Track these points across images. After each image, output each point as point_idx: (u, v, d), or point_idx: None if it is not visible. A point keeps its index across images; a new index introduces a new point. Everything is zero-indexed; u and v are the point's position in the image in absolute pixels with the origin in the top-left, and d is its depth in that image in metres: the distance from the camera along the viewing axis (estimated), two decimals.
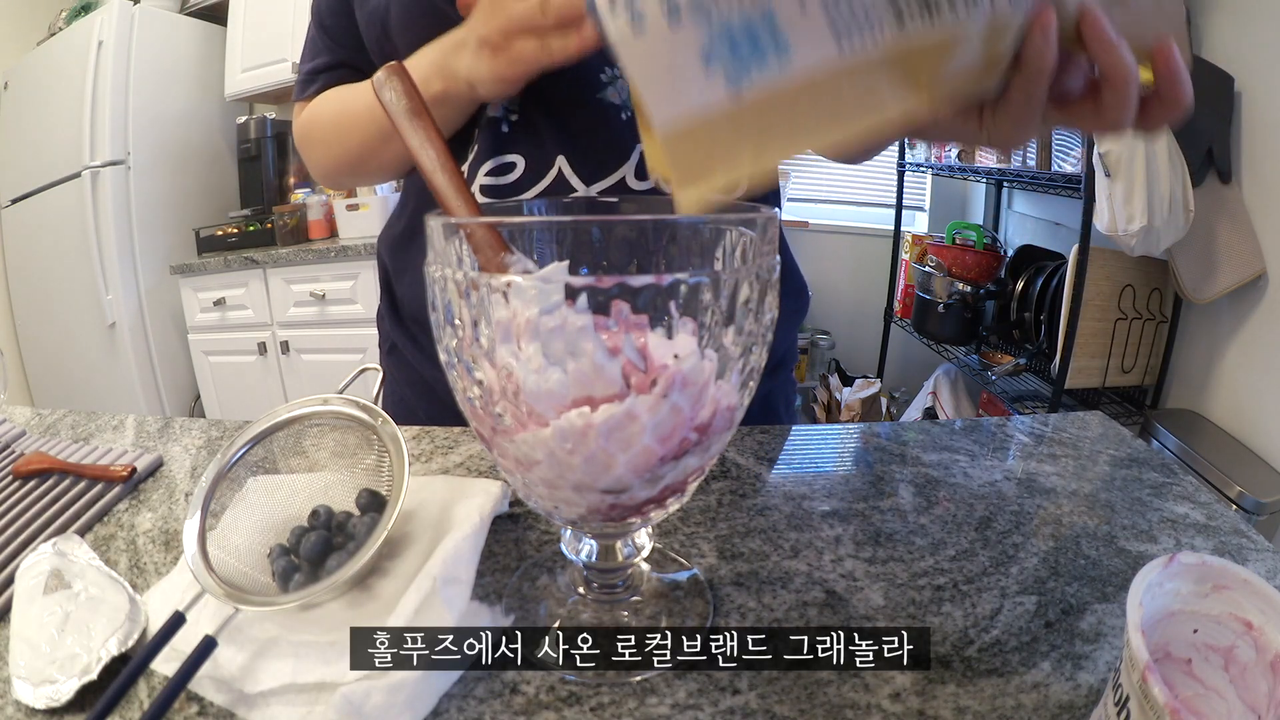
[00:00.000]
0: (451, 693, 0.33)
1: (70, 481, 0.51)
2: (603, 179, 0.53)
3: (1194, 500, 0.48)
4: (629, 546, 0.37)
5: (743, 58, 0.24)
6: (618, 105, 0.52)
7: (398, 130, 0.36)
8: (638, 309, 0.27)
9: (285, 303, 2.14)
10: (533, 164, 0.53)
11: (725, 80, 0.24)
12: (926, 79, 0.26)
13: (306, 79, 0.62)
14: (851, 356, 2.62)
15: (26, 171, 2.32)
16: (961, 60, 0.26)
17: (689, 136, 0.25)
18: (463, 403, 0.31)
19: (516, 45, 0.43)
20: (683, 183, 0.26)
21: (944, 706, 0.32)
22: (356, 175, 0.63)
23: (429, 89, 0.48)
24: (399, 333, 0.65)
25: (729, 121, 0.25)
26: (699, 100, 0.24)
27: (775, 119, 0.25)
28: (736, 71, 0.24)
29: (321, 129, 0.60)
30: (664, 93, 0.24)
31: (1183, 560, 0.27)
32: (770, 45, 0.24)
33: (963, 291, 1.96)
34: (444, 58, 0.48)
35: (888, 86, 0.26)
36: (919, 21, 0.25)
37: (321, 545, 0.39)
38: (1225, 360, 1.54)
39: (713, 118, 0.25)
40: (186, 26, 2.41)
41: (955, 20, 0.25)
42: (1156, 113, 0.29)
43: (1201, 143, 1.42)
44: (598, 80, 0.51)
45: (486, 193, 0.54)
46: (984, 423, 0.61)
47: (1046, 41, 0.26)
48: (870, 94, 0.26)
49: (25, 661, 0.34)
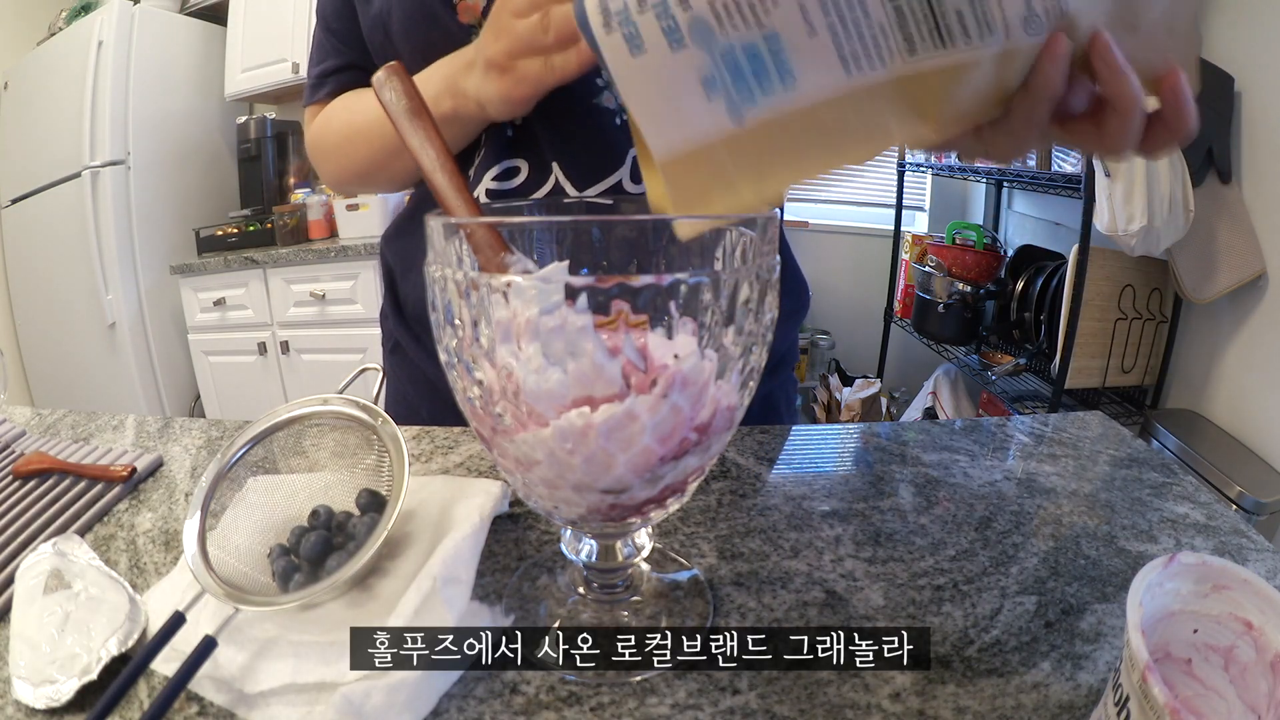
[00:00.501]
0: (451, 693, 0.33)
1: (70, 481, 0.51)
2: (597, 183, 0.53)
3: (1194, 500, 0.48)
4: (629, 546, 0.37)
5: (746, 83, 0.23)
6: (612, 110, 0.52)
7: (397, 130, 0.36)
8: (638, 309, 0.27)
9: (285, 303, 2.14)
10: (534, 169, 0.53)
11: (727, 107, 0.23)
12: (934, 105, 0.25)
13: (316, 82, 0.62)
14: (851, 356, 2.62)
15: (26, 171, 2.32)
16: (971, 86, 0.25)
17: (688, 164, 0.24)
18: (463, 403, 0.31)
19: (521, 66, 0.43)
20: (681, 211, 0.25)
21: (944, 706, 0.32)
22: (367, 185, 0.63)
23: (439, 107, 0.48)
24: (402, 331, 0.65)
25: (729, 150, 0.24)
26: (699, 128, 0.23)
27: (777, 147, 0.24)
28: (739, 98, 0.23)
29: (332, 139, 0.60)
30: (663, 120, 0.23)
31: (1183, 560, 0.27)
32: (775, 71, 0.23)
33: (963, 291, 1.96)
34: (453, 77, 0.48)
35: (894, 113, 0.25)
36: (931, 48, 0.24)
37: (321, 545, 0.39)
38: (1225, 360, 1.54)
39: (713, 146, 0.24)
40: (186, 26, 2.41)
41: (968, 47, 0.24)
42: (1158, 138, 0.29)
43: (1201, 143, 1.42)
44: (594, 85, 0.51)
45: (491, 197, 0.54)
46: (984, 423, 0.61)
47: (1056, 69, 0.26)
48: (876, 121, 0.25)
49: (25, 661, 0.34)
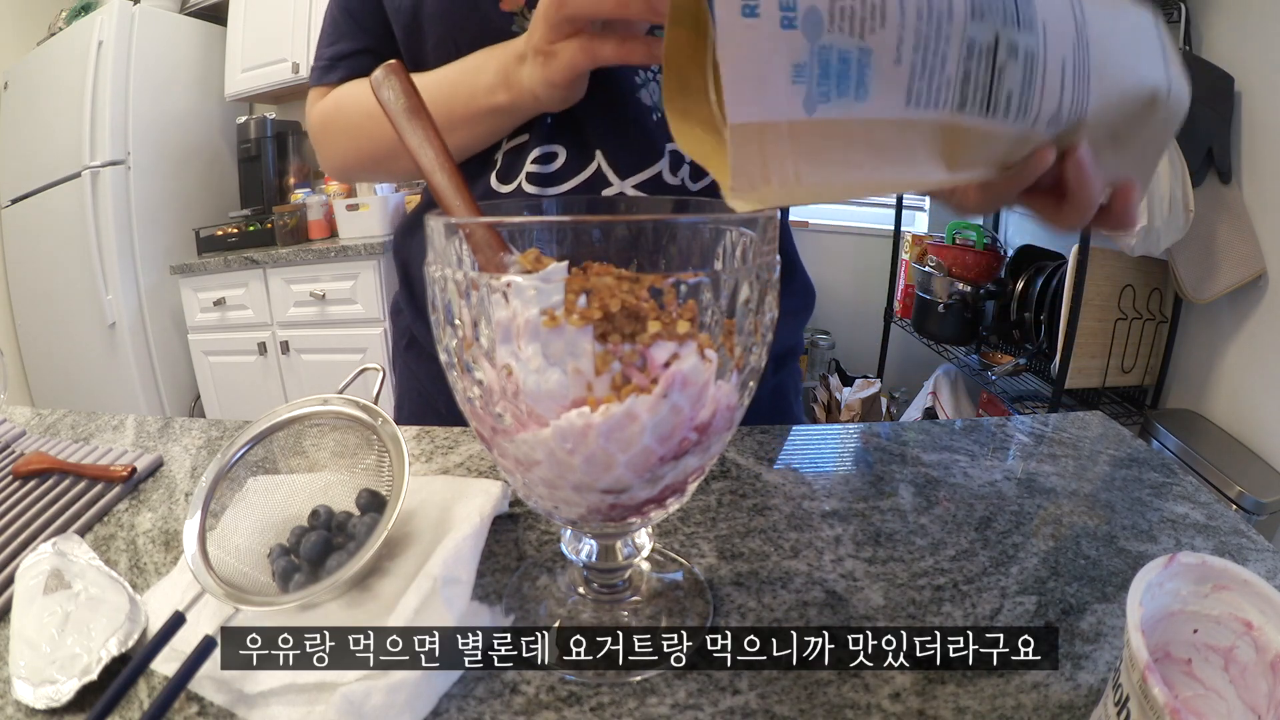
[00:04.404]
0: (451, 693, 0.33)
1: (70, 481, 0.51)
2: (638, 174, 0.53)
3: (1194, 500, 0.48)
4: (629, 546, 0.37)
5: (829, 81, 0.25)
6: (649, 106, 0.52)
7: (396, 129, 0.36)
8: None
9: (285, 303, 2.14)
10: (574, 155, 0.53)
11: (805, 96, 0.25)
12: (958, 154, 0.29)
13: (327, 65, 0.60)
14: (851, 356, 2.62)
15: (26, 171, 2.32)
16: (990, 150, 0.30)
17: (754, 135, 0.25)
18: (463, 403, 0.31)
19: (561, 49, 0.43)
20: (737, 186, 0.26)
21: (944, 706, 0.32)
22: (374, 173, 0.62)
23: (495, 99, 0.48)
24: (419, 323, 0.64)
25: (792, 135, 0.26)
26: (775, 105, 0.25)
27: (832, 147, 0.26)
28: (818, 92, 0.25)
29: (343, 122, 0.58)
30: (747, 85, 0.24)
31: (1183, 560, 0.27)
32: (855, 80, 0.25)
33: (963, 291, 1.96)
34: (507, 69, 0.48)
35: (925, 149, 0.28)
36: (976, 112, 0.28)
37: (321, 545, 0.39)
38: (1225, 360, 1.54)
39: (779, 126, 0.25)
40: (186, 26, 2.41)
41: (1003, 121, 0.28)
42: (1102, 225, 0.36)
43: (1201, 143, 1.42)
44: (633, 81, 0.52)
45: (532, 180, 0.53)
46: (984, 423, 0.61)
47: (1041, 165, 0.31)
48: (910, 151, 0.28)
49: (25, 661, 0.34)
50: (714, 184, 0.55)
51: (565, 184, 0.53)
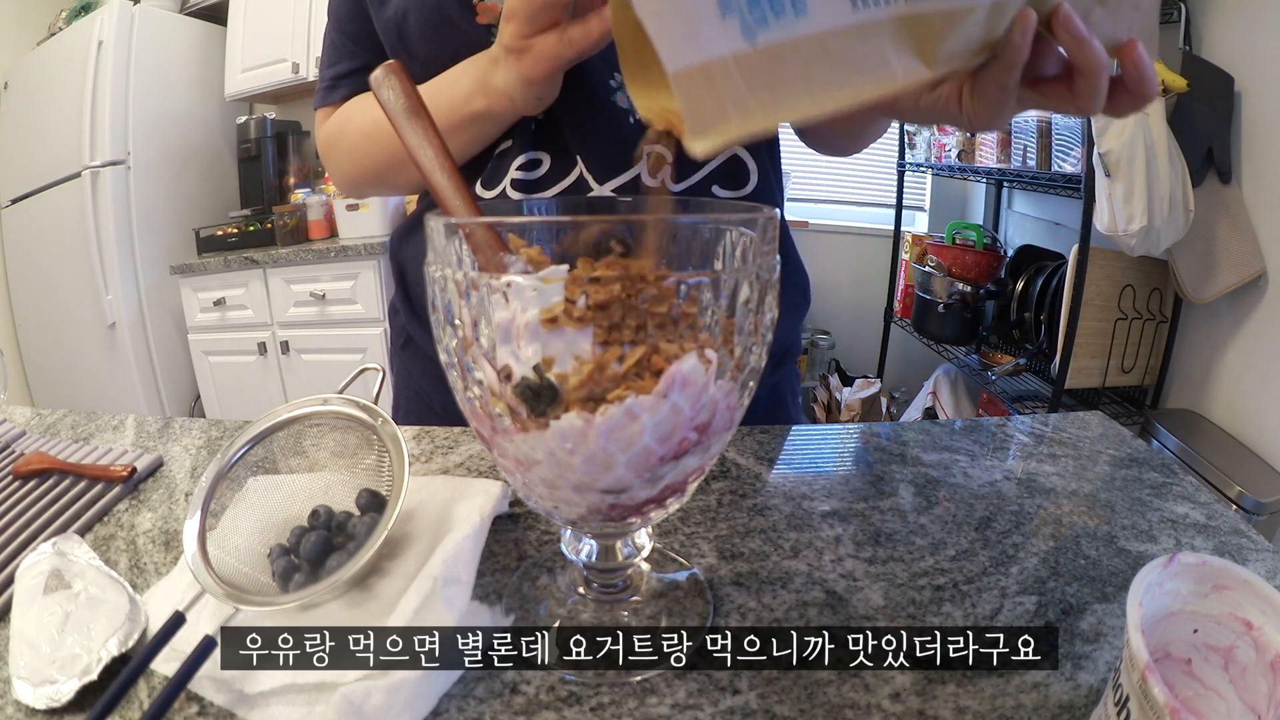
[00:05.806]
0: (451, 693, 0.33)
1: (70, 481, 0.51)
2: (616, 177, 0.54)
3: (1194, 500, 0.48)
4: (629, 546, 0.37)
5: (760, 7, 0.24)
6: (625, 109, 0.53)
7: (395, 129, 0.36)
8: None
9: (285, 303, 2.14)
10: (557, 161, 0.54)
11: (741, 27, 0.24)
12: (931, 45, 0.27)
13: (330, 85, 0.62)
14: (851, 356, 2.62)
15: (26, 171, 2.32)
16: (964, 31, 0.28)
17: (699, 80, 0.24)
18: (463, 403, 0.31)
19: (537, 44, 0.44)
20: (695, 131, 0.25)
21: (944, 706, 0.32)
22: (384, 185, 0.63)
23: (473, 106, 0.49)
24: (415, 324, 0.65)
25: (741, 69, 0.25)
26: (712, 45, 0.24)
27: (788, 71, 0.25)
28: (753, 19, 0.24)
29: (352, 138, 0.60)
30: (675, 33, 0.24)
31: (1183, 560, 0.27)
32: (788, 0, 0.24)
33: (963, 291, 1.96)
34: (482, 75, 0.48)
35: (894, 49, 0.27)
36: None
37: (321, 545, 0.39)
38: (1225, 360, 1.54)
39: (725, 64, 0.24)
40: (186, 26, 2.41)
41: None
42: (1122, 100, 0.33)
43: (1201, 143, 1.42)
44: (608, 86, 0.53)
45: (517, 187, 0.55)
46: (984, 423, 0.61)
47: (1024, 38, 0.29)
48: (878, 55, 0.27)
49: (25, 661, 0.34)
50: (696, 184, 0.55)
51: (549, 190, 0.54)
